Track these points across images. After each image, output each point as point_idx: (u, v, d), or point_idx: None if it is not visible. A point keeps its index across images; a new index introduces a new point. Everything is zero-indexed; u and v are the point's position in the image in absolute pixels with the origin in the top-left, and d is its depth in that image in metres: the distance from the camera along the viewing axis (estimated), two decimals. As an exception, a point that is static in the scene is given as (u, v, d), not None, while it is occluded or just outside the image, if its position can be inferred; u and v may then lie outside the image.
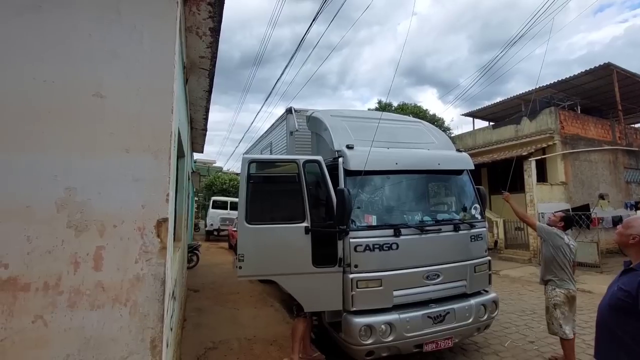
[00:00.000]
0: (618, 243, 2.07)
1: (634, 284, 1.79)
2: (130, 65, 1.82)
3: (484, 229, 4.29)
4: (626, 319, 1.81)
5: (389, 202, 4.09)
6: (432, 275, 3.77)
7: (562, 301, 3.77)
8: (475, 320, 3.84)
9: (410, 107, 15.07)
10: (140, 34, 1.85)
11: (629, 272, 1.92)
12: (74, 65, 1.75)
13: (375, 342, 3.40)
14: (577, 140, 12.53)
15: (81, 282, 1.65)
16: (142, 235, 1.74)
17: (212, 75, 3.74)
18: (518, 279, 8.59)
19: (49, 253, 1.62)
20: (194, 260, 9.59)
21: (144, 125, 1.80)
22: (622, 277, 1.96)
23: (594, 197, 12.20)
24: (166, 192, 1.80)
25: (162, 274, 1.76)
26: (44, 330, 1.59)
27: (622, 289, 1.83)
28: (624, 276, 1.94)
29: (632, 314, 1.78)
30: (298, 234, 3.52)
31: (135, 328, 1.70)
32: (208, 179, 24.85)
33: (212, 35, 2.85)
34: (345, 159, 3.78)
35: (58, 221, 1.64)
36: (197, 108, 4.88)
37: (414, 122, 5.27)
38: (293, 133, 5.11)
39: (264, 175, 3.90)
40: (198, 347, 4.23)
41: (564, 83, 14.11)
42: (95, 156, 1.72)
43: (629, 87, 14.38)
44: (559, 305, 3.78)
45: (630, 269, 1.91)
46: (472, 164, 4.57)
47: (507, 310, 5.87)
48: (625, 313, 1.81)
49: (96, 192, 1.70)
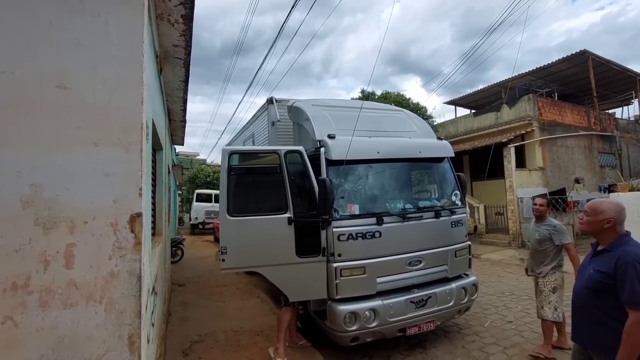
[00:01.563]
0: (589, 230, 2.06)
1: (610, 264, 1.87)
2: (95, 55, 1.74)
3: (464, 215, 4.39)
4: (606, 299, 1.88)
5: (371, 190, 4.12)
6: (414, 262, 3.85)
7: (559, 284, 3.73)
8: (456, 303, 3.96)
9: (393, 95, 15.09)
10: (105, 21, 1.76)
11: (601, 254, 1.98)
12: (34, 55, 1.66)
13: (359, 328, 3.47)
14: (554, 126, 12.88)
15: (52, 281, 1.60)
16: (115, 231, 1.69)
17: (187, 65, 3.63)
18: (498, 262, 8.88)
19: (16, 252, 1.56)
20: (178, 254, 9.48)
21: (113, 118, 1.74)
22: (594, 260, 2.02)
23: (570, 181, 12.64)
24: (139, 187, 1.75)
25: (138, 270, 1.72)
26: (14, 331, 1.54)
27: (600, 271, 1.90)
28: (597, 258, 2.00)
29: (611, 294, 1.85)
30: (281, 225, 3.52)
31: (112, 325, 1.67)
32: (191, 172, 24.42)
33: (185, 23, 2.75)
34: (326, 148, 3.77)
35: (24, 219, 1.58)
36: (174, 99, 4.75)
37: (396, 111, 5.29)
38: (275, 123, 5.05)
39: (245, 167, 3.86)
40: (183, 341, 4.21)
41: (542, 70, 14.40)
42: (61, 151, 1.65)
43: (603, 74, 14.81)
44: (557, 289, 3.71)
45: (604, 250, 1.98)
46: (452, 151, 4.64)
47: (487, 292, 6.07)
48: (605, 293, 1.88)
49: (64, 188, 1.64)
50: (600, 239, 2.03)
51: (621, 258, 1.84)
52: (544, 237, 3.76)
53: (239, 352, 3.90)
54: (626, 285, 1.78)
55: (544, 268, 3.78)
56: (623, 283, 1.79)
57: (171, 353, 3.88)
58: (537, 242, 3.85)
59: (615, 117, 16.17)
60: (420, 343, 4.06)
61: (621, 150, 14.84)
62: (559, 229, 3.74)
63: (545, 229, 3.79)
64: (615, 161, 14.88)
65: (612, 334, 1.85)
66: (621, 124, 15.82)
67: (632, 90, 16.14)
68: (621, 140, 14.86)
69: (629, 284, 1.77)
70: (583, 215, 2.09)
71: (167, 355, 3.81)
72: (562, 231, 3.73)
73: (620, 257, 1.84)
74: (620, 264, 1.82)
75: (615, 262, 1.85)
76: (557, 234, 3.70)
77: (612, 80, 15.79)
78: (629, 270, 1.79)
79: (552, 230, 3.72)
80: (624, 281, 1.79)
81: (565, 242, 3.68)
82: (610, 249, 1.94)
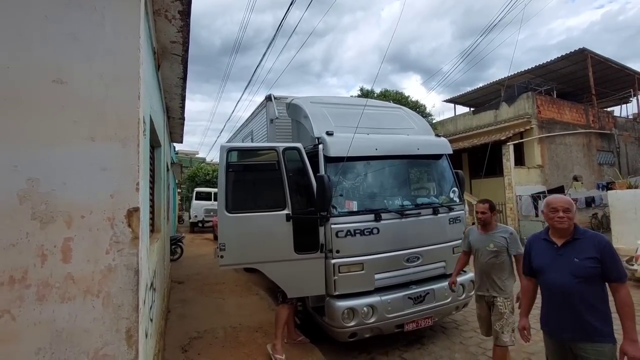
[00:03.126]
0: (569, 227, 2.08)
1: (593, 249, 1.98)
2: (91, 49, 1.73)
3: (462, 212, 4.40)
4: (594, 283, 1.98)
5: (369, 187, 4.13)
6: (412, 258, 3.86)
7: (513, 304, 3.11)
8: (454, 299, 3.97)
9: (392, 93, 15.08)
10: (101, 15, 1.76)
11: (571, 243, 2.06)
12: (30, 50, 1.65)
13: (357, 324, 3.48)
14: (553, 124, 12.91)
15: (50, 275, 1.60)
16: (112, 226, 1.69)
17: (185, 61, 3.62)
18: (497, 260, 8.89)
19: (13, 246, 1.56)
20: (177, 252, 9.48)
21: (110, 113, 1.73)
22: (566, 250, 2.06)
23: (569, 179, 12.68)
24: (136, 181, 1.75)
25: (136, 264, 1.73)
26: (12, 325, 1.55)
27: (589, 258, 1.97)
28: (568, 248, 2.06)
29: (599, 276, 1.97)
30: (279, 222, 3.52)
31: (110, 319, 1.67)
32: (191, 171, 24.39)
33: (182, 19, 2.75)
34: (325, 145, 3.77)
35: (21, 213, 1.58)
36: (172, 96, 4.74)
37: (394, 108, 5.30)
38: (273, 121, 5.05)
39: (243, 164, 3.86)
40: (182, 337, 4.22)
41: (541, 68, 14.41)
42: (58, 145, 1.65)
43: (602, 72, 14.84)
44: (513, 308, 3.09)
45: (573, 239, 2.06)
46: (450, 148, 4.65)
47: (486, 289, 6.08)
48: (594, 278, 1.97)
49: (61, 182, 1.64)
50: (567, 232, 2.10)
51: (601, 242, 1.99)
52: (501, 247, 3.10)
53: (238, 348, 3.91)
54: (615, 263, 1.94)
55: (505, 284, 3.10)
56: (612, 262, 1.94)
57: (170, 349, 3.89)
58: (494, 254, 3.11)
59: (613, 115, 16.22)
60: (418, 339, 4.08)
61: (619, 148, 14.87)
62: (515, 235, 3.16)
63: (500, 237, 3.13)
64: (613, 159, 14.92)
65: (600, 318, 1.96)
66: (620, 122, 15.86)
67: (631, 88, 16.17)
68: (620, 138, 14.89)
69: (616, 261, 1.95)
70: (563, 215, 2.06)
71: (166, 351, 3.82)
72: (517, 238, 3.18)
73: (599, 241, 2.00)
74: (602, 247, 1.97)
75: (597, 245, 1.98)
76: (514, 242, 3.11)
77: (611, 79, 15.81)
78: (613, 250, 1.97)
79: (509, 237, 3.11)
80: (612, 260, 1.95)
81: (521, 252, 2.99)
82: (579, 237, 2.06)
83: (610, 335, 1.96)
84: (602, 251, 1.95)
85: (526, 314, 2.36)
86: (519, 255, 3.01)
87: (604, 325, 1.96)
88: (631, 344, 1.83)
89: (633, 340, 1.83)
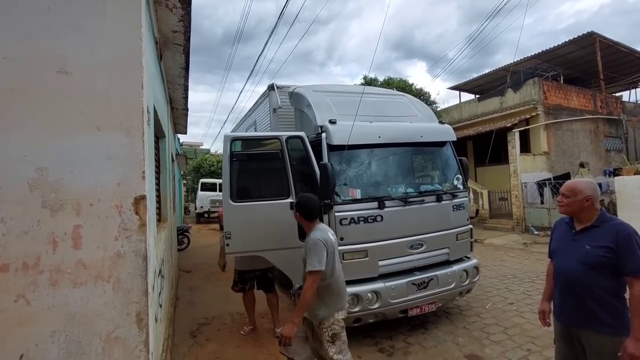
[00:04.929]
0: (570, 212, 2.07)
1: (610, 237, 1.88)
2: (94, 40, 1.75)
3: (465, 199, 4.40)
4: (606, 275, 1.89)
5: (372, 175, 4.14)
6: (416, 245, 3.89)
7: (342, 327, 2.51)
8: (457, 285, 4.01)
9: (396, 81, 14.90)
10: (103, 5, 1.77)
11: (587, 231, 2.00)
12: (34, 41, 1.68)
13: (362, 309, 3.54)
14: (559, 110, 12.71)
15: (61, 261, 1.66)
16: (120, 213, 1.74)
17: (187, 51, 3.62)
18: (501, 247, 8.92)
19: (25, 233, 1.61)
20: (184, 242, 9.62)
21: (114, 102, 1.76)
22: (582, 237, 2.01)
23: (575, 165, 12.54)
24: (142, 170, 1.79)
25: (144, 250, 1.78)
26: (27, 309, 1.61)
27: (601, 246, 1.90)
28: (584, 235, 2.00)
29: (611, 269, 1.87)
30: (283, 210, 3.56)
31: (120, 303, 1.73)
32: (195, 162, 24.54)
33: (183, 8, 2.74)
34: (328, 133, 3.77)
35: (32, 201, 1.62)
36: (175, 86, 4.75)
37: (397, 96, 5.26)
38: (276, 110, 5.04)
39: (247, 153, 3.88)
40: (191, 323, 4.33)
41: (549, 53, 14.12)
42: (64, 135, 1.69)
43: (611, 56, 14.50)
44: (338, 335, 2.47)
45: (592, 226, 1.99)
46: (454, 135, 4.62)
47: (490, 275, 6.13)
48: (605, 269, 1.89)
49: (68, 171, 1.68)
50: (581, 218, 2.04)
51: (620, 232, 1.87)
52: None
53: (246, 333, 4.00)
54: (630, 256, 1.81)
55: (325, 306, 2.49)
56: (627, 254, 1.82)
57: (179, 334, 3.99)
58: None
59: (622, 100, 15.91)
60: (422, 324, 4.14)
61: (628, 134, 14.65)
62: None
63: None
64: (621, 145, 14.71)
65: (607, 310, 1.89)
66: (628, 107, 15.57)
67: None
68: (628, 124, 14.66)
69: (633, 254, 1.81)
70: (562, 198, 2.07)
71: (175, 336, 3.93)
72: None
73: (619, 230, 1.87)
74: (621, 237, 1.85)
75: (615, 235, 1.87)
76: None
77: (620, 63, 15.46)
78: (632, 241, 1.83)
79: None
80: (629, 252, 1.82)
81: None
82: (599, 224, 1.97)
83: (616, 328, 1.87)
84: (619, 241, 1.84)
85: (547, 298, 2.28)
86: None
87: (611, 317, 1.87)
88: (633, 341, 1.77)
89: (637, 339, 1.76)
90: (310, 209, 2.62)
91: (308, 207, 2.62)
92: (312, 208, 2.62)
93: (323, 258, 2.39)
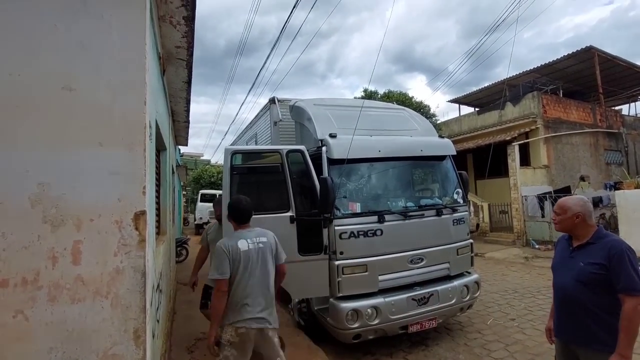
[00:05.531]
0: (563, 229, 2.09)
1: (602, 254, 1.89)
2: (99, 57, 1.78)
3: (465, 213, 4.39)
4: (599, 292, 1.89)
5: (372, 189, 4.15)
6: (416, 259, 3.87)
7: (229, 342, 2.38)
8: (458, 301, 3.97)
9: (395, 94, 15.05)
10: (108, 24, 1.81)
11: (583, 248, 2.00)
12: (40, 58, 1.71)
13: (361, 325, 3.50)
14: (559, 123, 12.80)
15: (60, 277, 1.65)
16: (120, 229, 1.74)
17: (190, 66, 3.68)
18: (502, 261, 8.85)
19: (25, 249, 1.61)
20: (183, 254, 9.56)
21: (117, 118, 1.78)
22: (577, 254, 2.02)
23: (576, 179, 12.55)
24: (143, 185, 1.80)
25: (143, 266, 1.77)
26: (25, 325, 1.60)
27: (593, 263, 1.90)
28: (580, 252, 2.01)
29: (605, 285, 1.87)
30: (283, 224, 3.55)
31: (118, 320, 1.72)
32: (195, 173, 24.58)
33: (187, 25, 2.80)
34: (328, 147, 3.80)
35: (33, 216, 1.63)
36: (177, 100, 4.81)
37: (397, 109, 5.31)
38: (277, 123, 5.09)
39: (247, 166, 3.90)
40: (188, 338, 4.27)
41: (548, 67, 14.29)
42: (67, 150, 1.70)
43: (610, 70, 14.66)
44: (222, 348, 2.39)
45: (587, 243, 2.00)
46: (454, 149, 4.65)
47: (491, 290, 6.07)
48: (599, 286, 1.89)
49: (70, 187, 1.69)
50: (577, 234, 2.05)
51: (613, 248, 1.87)
52: None
53: (243, 349, 3.94)
54: (622, 272, 1.81)
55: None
56: (619, 271, 1.82)
57: (176, 349, 3.94)
58: None
59: (621, 114, 16.02)
60: (422, 340, 4.08)
61: (628, 147, 14.70)
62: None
63: None
64: (621, 158, 14.74)
65: (603, 327, 1.89)
66: (628, 121, 15.67)
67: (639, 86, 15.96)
68: (628, 137, 14.72)
69: (624, 271, 1.81)
70: (555, 216, 2.11)
71: (172, 351, 3.87)
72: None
73: (612, 247, 1.88)
74: (613, 254, 1.85)
75: (607, 252, 1.88)
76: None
77: (619, 77, 15.62)
78: (624, 258, 1.83)
79: None
80: (620, 269, 1.82)
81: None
82: (593, 242, 1.97)
83: (613, 346, 1.83)
84: (611, 258, 1.84)
85: (553, 315, 2.25)
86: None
87: (608, 335, 1.85)
88: (617, 357, 1.76)
89: (621, 355, 1.76)
90: (239, 212, 2.55)
91: (237, 210, 2.56)
92: (241, 211, 2.55)
93: (222, 266, 2.38)
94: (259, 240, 2.54)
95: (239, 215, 2.58)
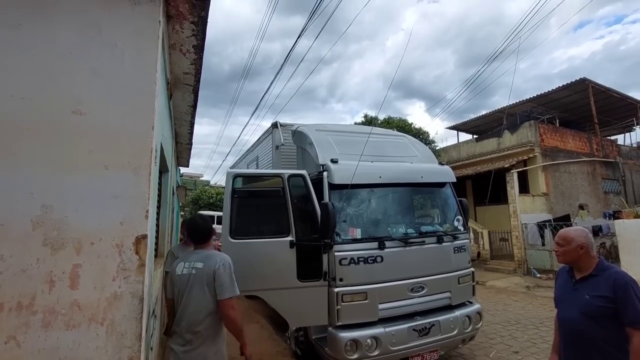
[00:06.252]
0: (567, 261, 2.06)
1: (607, 287, 1.85)
2: (111, 83, 1.84)
3: (466, 241, 4.36)
4: (606, 326, 1.85)
5: (373, 215, 4.13)
6: (416, 288, 3.80)
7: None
8: (460, 332, 3.86)
9: (395, 120, 15.32)
10: (121, 51, 1.87)
11: (586, 280, 1.97)
12: (53, 82, 1.76)
13: (361, 356, 3.38)
14: (556, 152, 12.95)
15: (56, 302, 1.62)
16: (120, 253, 1.73)
17: (196, 91, 3.77)
18: (504, 290, 8.68)
19: (23, 272, 1.59)
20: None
21: (124, 142, 1.81)
22: (581, 286, 1.99)
23: (574, 207, 12.53)
24: (145, 209, 1.80)
25: (141, 292, 1.74)
26: (16, 351, 1.55)
27: (599, 296, 1.87)
28: (584, 285, 1.98)
29: (611, 319, 1.83)
30: (283, 248, 3.52)
31: (112, 348, 1.67)
32: (194, 193, 24.54)
33: (196, 53, 2.89)
34: (329, 172, 3.82)
35: (33, 239, 1.62)
36: (181, 123, 4.89)
37: (398, 136, 5.39)
38: (279, 147, 5.15)
39: (248, 190, 3.91)
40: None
41: (544, 97, 14.64)
42: (73, 173, 1.72)
43: (604, 101, 15.02)
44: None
45: (590, 275, 1.97)
46: (454, 176, 4.68)
47: (493, 320, 5.92)
48: (606, 319, 1.85)
49: (73, 210, 1.69)
50: (580, 266, 2.02)
51: (617, 280, 1.84)
52: None
53: (237, 379, 3.79)
54: (629, 305, 1.78)
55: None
56: (625, 304, 1.79)
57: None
58: None
59: (617, 143, 16.25)
60: (423, 373, 3.93)
61: (625, 177, 14.81)
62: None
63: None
64: (619, 187, 14.81)
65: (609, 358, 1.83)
66: (624, 151, 15.87)
67: (633, 117, 16.29)
68: (624, 167, 14.86)
69: (631, 304, 1.78)
70: (557, 247, 2.07)
71: (163, 381, 3.71)
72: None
73: (616, 279, 1.85)
74: (618, 286, 1.82)
75: (612, 284, 1.85)
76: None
77: (613, 108, 15.98)
78: (629, 290, 1.80)
79: None
80: (627, 302, 1.79)
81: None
82: (597, 274, 1.94)
83: None
84: (616, 290, 1.81)
85: (556, 350, 2.19)
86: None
87: None
88: None
89: None
90: (191, 231, 2.47)
91: (190, 229, 2.50)
92: (193, 230, 2.44)
93: (167, 286, 2.41)
94: (194, 265, 2.25)
95: (191, 233, 2.47)
